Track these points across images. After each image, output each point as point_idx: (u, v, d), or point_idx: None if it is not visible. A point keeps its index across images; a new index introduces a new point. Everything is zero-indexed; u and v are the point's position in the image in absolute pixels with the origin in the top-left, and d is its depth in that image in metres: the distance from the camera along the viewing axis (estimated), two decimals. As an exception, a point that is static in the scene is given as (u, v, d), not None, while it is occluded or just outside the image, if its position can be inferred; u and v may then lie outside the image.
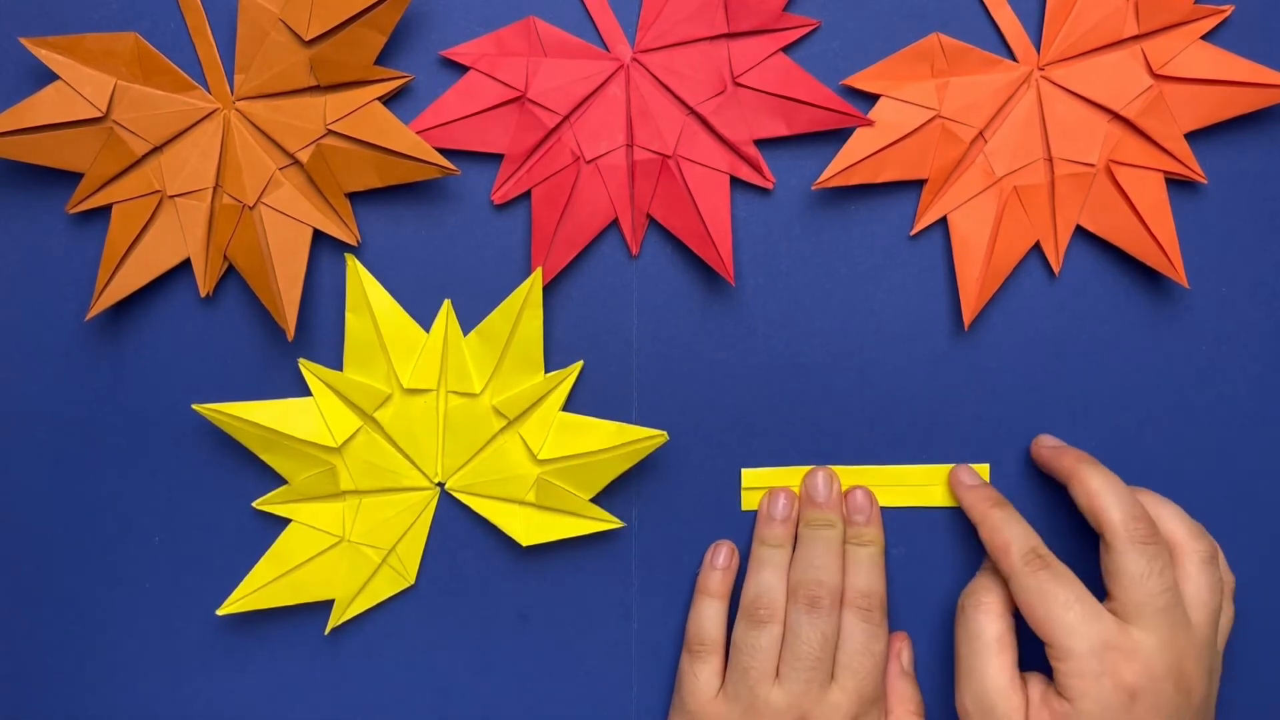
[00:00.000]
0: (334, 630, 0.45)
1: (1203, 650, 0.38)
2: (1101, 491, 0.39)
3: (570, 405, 0.44)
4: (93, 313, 0.42)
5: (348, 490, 0.44)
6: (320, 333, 0.44)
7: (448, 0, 0.42)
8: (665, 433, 0.42)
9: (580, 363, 0.44)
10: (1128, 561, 0.38)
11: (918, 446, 0.44)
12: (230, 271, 0.43)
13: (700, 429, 0.44)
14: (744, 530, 0.45)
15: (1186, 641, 0.37)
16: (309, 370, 0.43)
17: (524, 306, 0.42)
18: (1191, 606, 0.38)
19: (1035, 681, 0.39)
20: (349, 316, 0.43)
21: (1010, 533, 0.40)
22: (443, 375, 0.43)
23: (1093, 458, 0.41)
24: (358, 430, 0.44)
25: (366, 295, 0.43)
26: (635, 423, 0.44)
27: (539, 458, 0.43)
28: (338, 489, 0.44)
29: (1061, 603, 0.38)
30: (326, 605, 0.45)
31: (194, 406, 0.43)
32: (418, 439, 0.44)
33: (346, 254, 0.43)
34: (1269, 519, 0.44)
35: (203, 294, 0.43)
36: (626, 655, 0.45)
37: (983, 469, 0.44)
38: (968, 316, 0.42)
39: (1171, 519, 0.40)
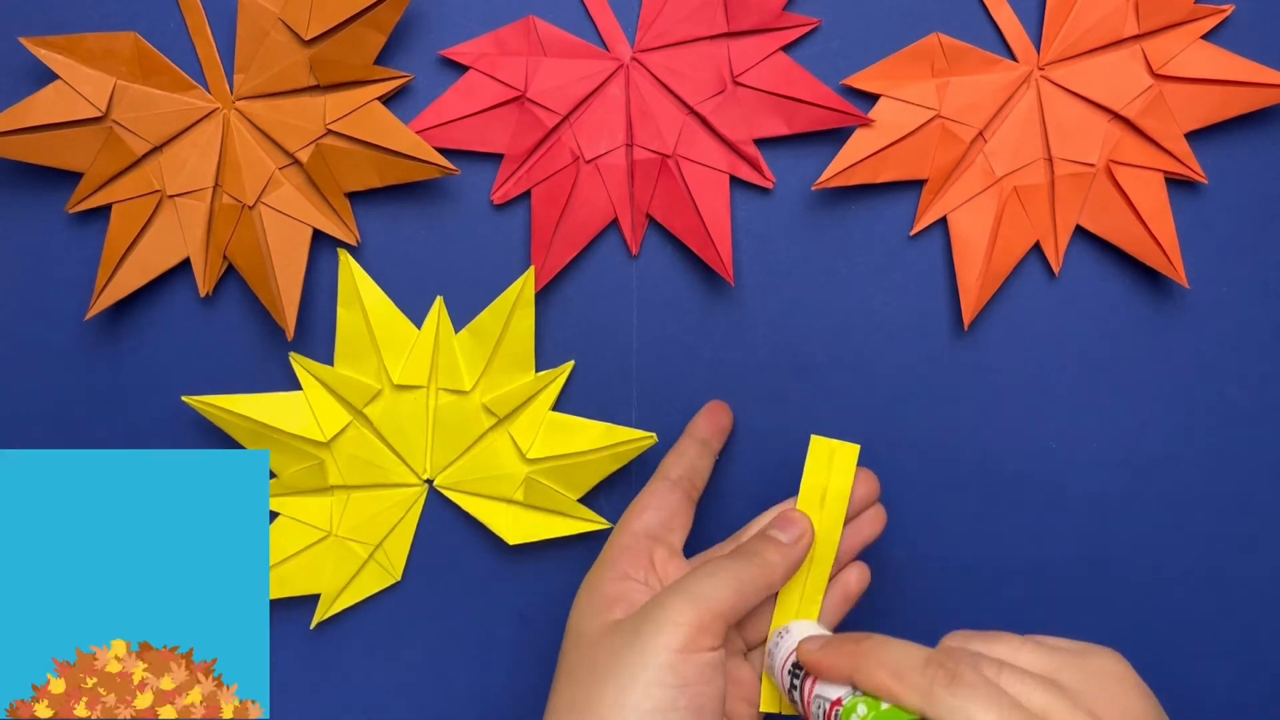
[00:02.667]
0: (319, 624, 0.45)
1: None
2: (882, 663, 0.31)
3: (569, 405, 0.44)
4: (92, 312, 0.42)
5: (336, 485, 0.44)
6: (319, 332, 0.44)
7: (448, 0, 0.42)
8: (654, 435, 0.42)
9: (571, 363, 0.44)
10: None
11: (918, 446, 0.44)
12: (230, 271, 0.43)
13: (700, 429, 0.44)
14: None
15: None
16: (299, 364, 0.43)
17: (516, 305, 0.42)
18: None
19: None
20: (340, 311, 0.43)
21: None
22: (433, 372, 0.43)
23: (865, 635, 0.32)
24: (347, 425, 0.44)
25: (358, 290, 0.42)
26: (634, 423, 0.44)
27: (528, 457, 0.43)
28: (326, 484, 0.44)
29: None
30: (313, 599, 0.45)
31: (184, 398, 0.43)
32: (407, 435, 0.44)
33: (339, 249, 0.43)
34: (1269, 519, 0.44)
35: (202, 294, 0.43)
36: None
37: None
38: (968, 316, 0.42)
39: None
